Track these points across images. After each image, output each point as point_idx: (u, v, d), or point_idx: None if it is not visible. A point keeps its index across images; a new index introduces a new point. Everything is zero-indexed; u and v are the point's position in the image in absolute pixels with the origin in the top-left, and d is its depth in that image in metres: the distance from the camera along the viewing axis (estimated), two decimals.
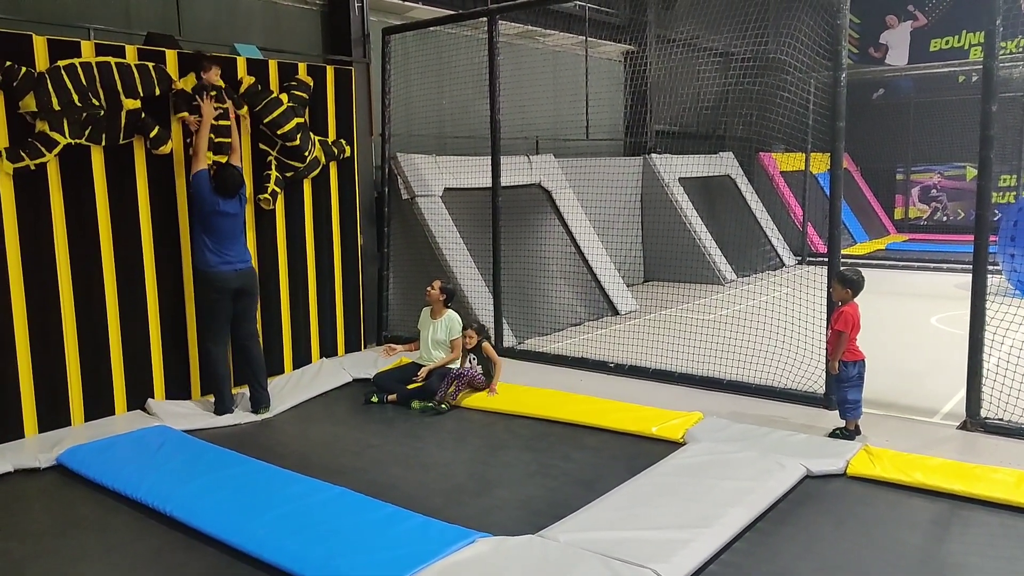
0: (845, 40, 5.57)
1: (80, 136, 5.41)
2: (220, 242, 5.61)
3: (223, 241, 5.62)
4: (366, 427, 5.64)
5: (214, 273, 5.59)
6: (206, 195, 5.56)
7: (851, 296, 5.06)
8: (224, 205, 5.60)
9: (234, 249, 5.69)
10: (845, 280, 5.08)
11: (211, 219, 5.57)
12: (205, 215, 5.58)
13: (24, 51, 5.15)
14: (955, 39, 17.09)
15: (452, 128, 9.64)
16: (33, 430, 5.33)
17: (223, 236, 5.62)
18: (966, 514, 4.03)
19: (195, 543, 3.86)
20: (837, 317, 5.06)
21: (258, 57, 6.57)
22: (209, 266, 5.59)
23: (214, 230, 5.59)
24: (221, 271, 5.60)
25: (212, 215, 5.57)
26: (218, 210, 5.57)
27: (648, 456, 4.78)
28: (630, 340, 7.41)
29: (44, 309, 5.36)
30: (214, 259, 5.59)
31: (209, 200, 5.55)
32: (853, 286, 5.05)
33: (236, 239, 5.73)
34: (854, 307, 5.05)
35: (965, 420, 5.25)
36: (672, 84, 10.84)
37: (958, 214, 17.67)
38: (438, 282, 6.50)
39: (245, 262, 5.78)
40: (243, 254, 5.79)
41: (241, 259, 5.74)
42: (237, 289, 5.69)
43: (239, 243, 5.76)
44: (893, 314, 9.29)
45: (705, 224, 11.98)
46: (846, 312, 5.02)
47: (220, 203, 5.58)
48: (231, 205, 5.66)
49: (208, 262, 5.59)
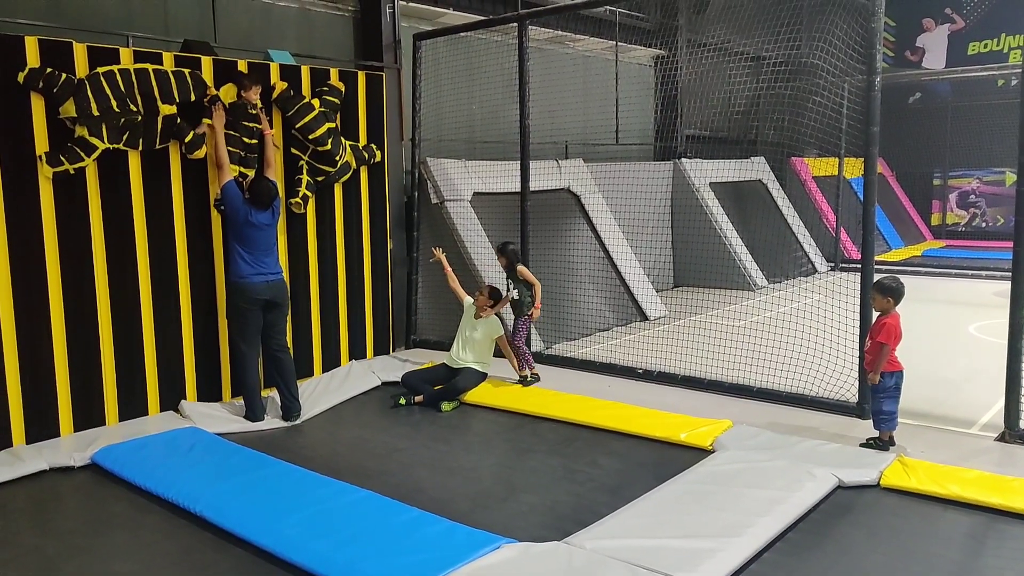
0: (879, 44, 5.48)
1: (118, 141, 5.53)
2: (253, 252, 5.64)
3: (256, 252, 5.65)
4: (393, 430, 5.67)
5: (246, 283, 5.62)
6: (238, 205, 5.61)
7: (892, 305, 4.91)
8: (256, 216, 5.64)
9: (266, 260, 5.71)
10: (885, 288, 4.93)
11: (244, 229, 5.62)
12: (238, 225, 5.63)
13: (65, 58, 5.28)
14: (994, 42, 16.73)
15: (482, 133, 9.67)
16: (69, 429, 5.44)
17: (256, 247, 5.65)
18: (1003, 528, 3.93)
19: (224, 543, 3.90)
20: (880, 329, 4.89)
21: (291, 63, 6.66)
22: (241, 276, 5.62)
23: (247, 240, 5.62)
24: (253, 282, 5.62)
25: (244, 225, 5.61)
26: (250, 220, 5.61)
27: (676, 463, 4.73)
28: (659, 346, 7.35)
29: (81, 310, 5.48)
30: (247, 269, 5.62)
31: (241, 210, 5.60)
32: (894, 294, 4.90)
33: (269, 251, 5.75)
34: (896, 317, 4.91)
35: (1003, 431, 5.12)
36: (703, 88, 10.76)
37: (997, 220, 17.26)
38: (487, 288, 6.58)
39: (276, 274, 5.80)
40: (274, 266, 5.81)
41: (272, 271, 5.76)
42: (268, 300, 5.71)
43: (272, 255, 5.78)
44: (930, 322, 9.10)
45: (736, 229, 11.85)
46: (888, 324, 4.87)
47: (252, 213, 5.62)
48: (264, 216, 5.68)
49: (240, 272, 5.63)
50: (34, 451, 5.05)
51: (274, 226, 5.82)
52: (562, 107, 9.72)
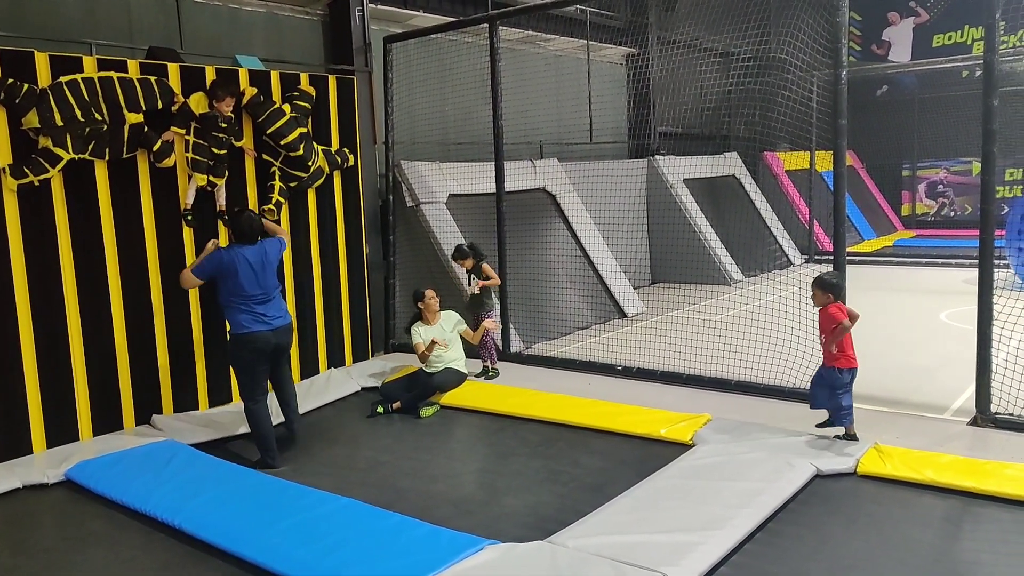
0: (845, 38, 5.55)
1: (83, 151, 5.44)
2: (250, 299, 5.01)
3: (253, 297, 5.02)
4: (375, 440, 5.62)
5: (248, 335, 5.01)
6: (221, 262, 5.02)
7: (832, 301, 4.84)
8: (246, 256, 5.03)
9: (268, 305, 5.09)
10: (825, 284, 4.85)
11: (236, 279, 4.99)
12: (229, 279, 5.00)
13: (26, 68, 5.19)
14: (958, 34, 17.02)
15: (455, 135, 9.65)
16: (41, 446, 5.34)
17: (251, 292, 5.01)
18: (978, 511, 3.99)
19: (204, 556, 3.86)
20: (827, 317, 4.78)
21: (260, 68, 6.60)
22: (242, 327, 5.01)
23: (241, 288, 4.99)
24: (255, 331, 5.01)
25: (235, 275, 4.98)
26: (239, 267, 4.98)
27: (657, 459, 4.75)
28: (638, 343, 7.39)
29: (51, 324, 5.38)
30: (246, 318, 5.01)
31: (227, 264, 5.00)
32: (834, 290, 4.86)
33: (268, 294, 5.10)
34: (836, 305, 4.82)
35: (975, 416, 5.20)
36: (674, 86, 10.84)
37: (965, 209, 17.57)
38: (430, 291, 6.54)
39: (280, 318, 5.17)
40: (277, 311, 5.17)
41: (276, 315, 5.14)
42: (276, 346, 5.15)
43: (272, 300, 5.13)
44: (902, 310, 9.24)
45: (711, 225, 11.95)
46: (833, 309, 4.78)
47: (240, 258, 5.01)
48: (252, 252, 5.05)
49: (240, 323, 5.02)
50: (6, 469, 4.96)
51: (269, 267, 5.16)
52: (535, 107, 9.74)
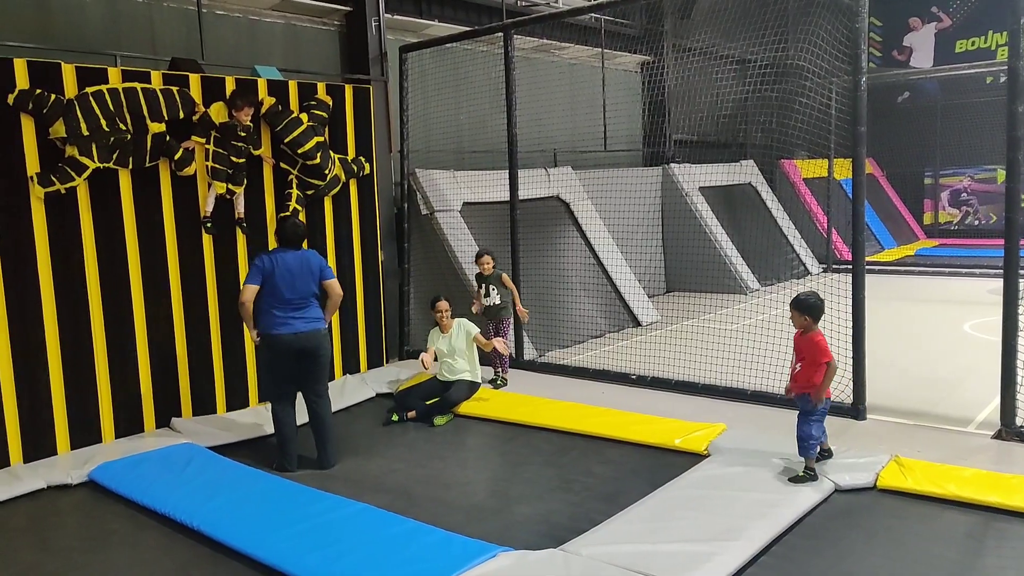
0: (864, 44, 5.52)
1: (108, 160, 5.54)
2: (282, 301, 5.07)
3: (284, 300, 5.07)
4: (388, 447, 5.64)
5: (271, 337, 5.09)
6: (264, 265, 5.08)
7: (812, 324, 4.45)
8: (284, 259, 5.10)
9: (298, 311, 5.11)
10: (803, 306, 4.44)
11: (273, 281, 5.06)
12: (269, 280, 5.07)
13: (53, 78, 5.30)
14: (981, 40, 16.84)
15: (470, 143, 9.70)
16: (65, 447, 5.44)
17: (284, 296, 5.06)
18: (1002, 527, 3.92)
19: (222, 557, 3.90)
20: (814, 347, 4.39)
21: (278, 78, 6.68)
22: (266, 328, 5.10)
23: (275, 290, 5.06)
24: (278, 333, 5.06)
25: (272, 276, 5.06)
26: (278, 269, 5.06)
27: (671, 468, 4.73)
28: (652, 352, 7.36)
29: (75, 329, 5.48)
30: (271, 320, 5.08)
31: (267, 266, 5.07)
32: (812, 312, 4.43)
33: (302, 300, 5.13)
34: (820, 334, 4.48)
35: (1000, 429, 5.12)
36: (690, 93, 10.82)
37: (990, 217, 17.33)
38: (442, 302, 6.43)
39: (309, 324, 5.14)
40: (307, 317, 5.16)
41: (304, 319, 5.13)
42: (299, 351, 5.12)
43: (305, 305, 5.15)
44: (925, 321, 9.13)
45: (727, 233, 11.88)
46: (820, 341, 4.42)
47: (279, 260, 5.09)
48: (291, 257, 5.12)
49: (265, 324, 5.10)
50: (31, 470, 5.06)
51: (311, 275, 5.18)
52: (549, 115, 9.76)
